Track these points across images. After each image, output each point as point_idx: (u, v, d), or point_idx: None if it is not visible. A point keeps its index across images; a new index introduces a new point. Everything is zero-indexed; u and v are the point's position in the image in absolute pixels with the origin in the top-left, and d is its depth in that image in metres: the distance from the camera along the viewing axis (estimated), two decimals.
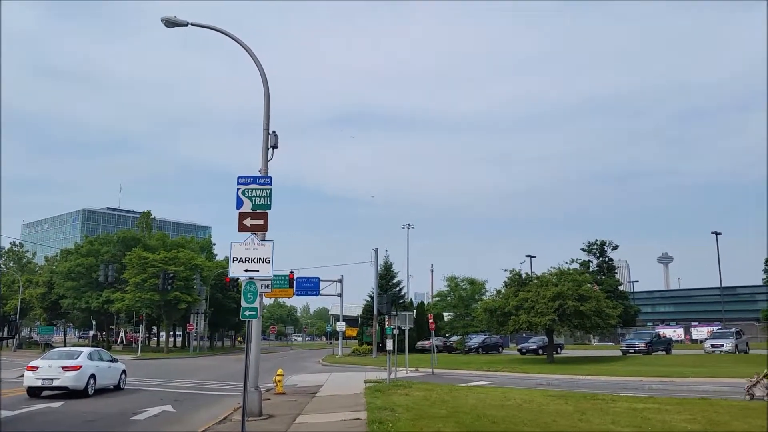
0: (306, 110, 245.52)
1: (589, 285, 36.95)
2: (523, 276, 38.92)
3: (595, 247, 65.46)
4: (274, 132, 15.09)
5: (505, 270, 40.15)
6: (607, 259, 66.31)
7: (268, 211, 11.97)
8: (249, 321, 10.42)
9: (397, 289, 54.21)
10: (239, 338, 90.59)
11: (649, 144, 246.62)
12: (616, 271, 67.09)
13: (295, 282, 44.11)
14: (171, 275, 49.89)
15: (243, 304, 10.26)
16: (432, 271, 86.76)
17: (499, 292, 38.95)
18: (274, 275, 33.69)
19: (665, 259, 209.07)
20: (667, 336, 49.59)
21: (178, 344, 74.72)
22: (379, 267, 50.84)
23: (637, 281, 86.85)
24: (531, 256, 66.21)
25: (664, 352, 42.63)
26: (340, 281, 50.66)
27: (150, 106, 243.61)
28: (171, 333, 71.42)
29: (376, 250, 48.06)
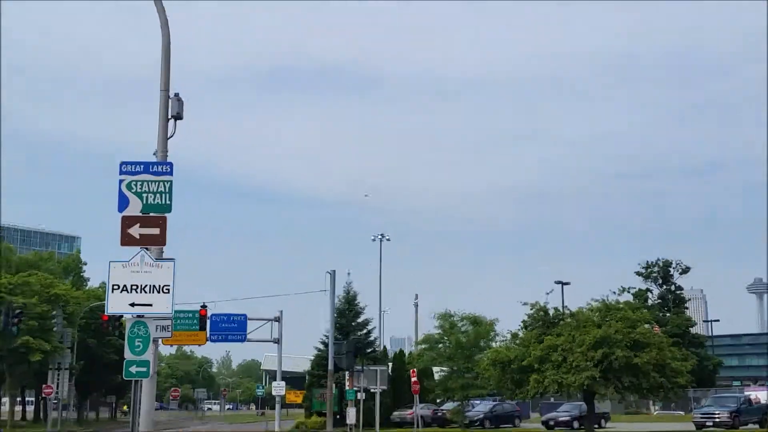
0: (224, 67, 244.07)
1: (647, 326, 37.75)
2: (551, 313, 39.86)
3: (655, 270, 66.13)
4: (177, 95, 15.39)
5: (525, 304, 40.75)
6: (673, 287, 66.89)
7: (167, 214, 12.07)
8: (137, 381, 10.53)
9: (364, 331, 54.70)
10: (124, 407, 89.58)
11: (741, 122, 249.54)
12: (687, 305, 68.07)
13: (209, 322, 43.51)
14: (18, 311, 48.31)
15: (128, 355, 10.22)
16: (416, 304, 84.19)
17: (515, 336, 39.81)
18: (177, 312, 33.59)
19: (759, 288, 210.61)
20: (763, 402, 50.04)
21: (30, 416, 73.21)
22: (337, 299, 50.83)
23: (718, 320, 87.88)
24: (562, 284, 65.11)
25: (757, 425, 43.06)
26: (277, 320, 50.42)
27: None
28: (19, 399, 69.63)
29: (333, 274, 46.41)
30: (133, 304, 10.54)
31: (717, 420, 42.14)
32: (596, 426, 39.55)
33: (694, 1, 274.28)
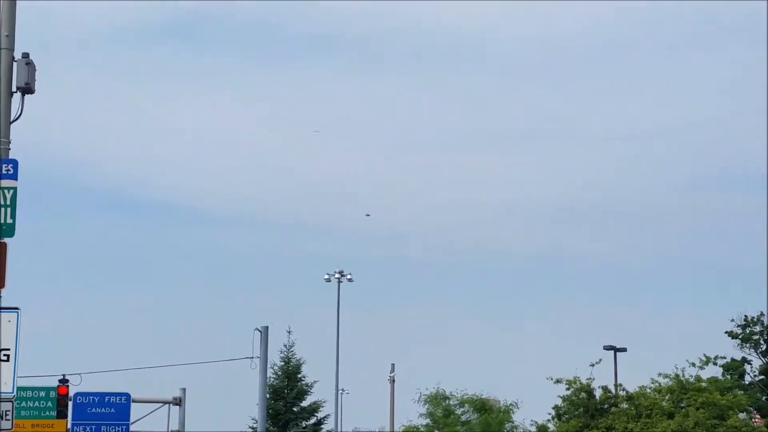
0: (104, 19, 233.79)
1: (743, 415, 38.33)
2: (598, 395, 38.95)
3: (758, 328, 60.56)
4: (26, 57, 14.90)
5: (558, 381, 39.59)
6: None
7: (8, 239, 12.37)
8: None
9: (312, 421, 53.51)
10: None
11: None
12: None
13: (72, 405, 40.43)
14: None
15: None
16: (393, 379, 78.57)
17: (543, 429, 40.45)
18: (23, 389, 35.42)
19: None
20: None
21: None
22: (271, 371, 49.97)
23: None
24: (615, 350, 58.17)
25: None
26: (178, 403, 45.59)
27: None
28: None
29: (265, 332, 43.08)
30: None
31: None
32: None
33: None
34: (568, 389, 38.94)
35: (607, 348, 55.32)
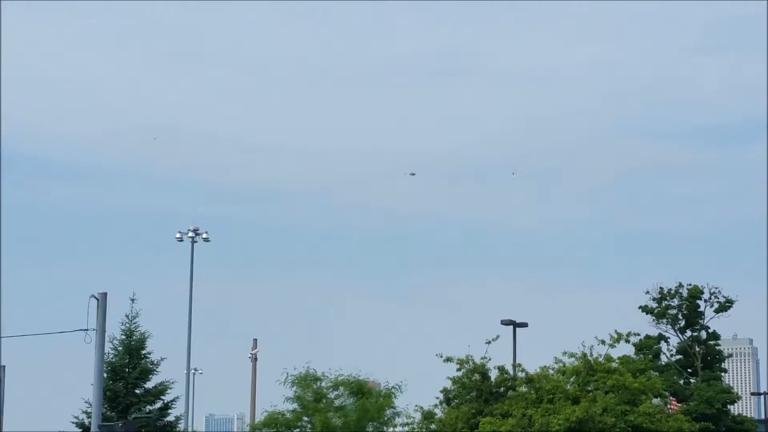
0: None
1: (656, 401, 37.69)
2: (493, 376, 37.87)
3: (674, 302, 57.26)
4: None
5: (447, 359, 38.55)
6: (704, 334, 58.53)
7: None
8: None
9: (159, 405, 50.60)
10: None
11: None
12: (726, 365, 61.49)
13: None
14: None
15: None
16: (255, 357, 74.65)
17: (429, 416, 38.33)
18: None
19: None
20: None
21: None
22: (110, 346, 47.20)
23: None
24: (514, 325, 54.08)
25: None
26: None
27: None
28: None
29: (103, 299, 39.52)
30: None
31: None
32: None
33: None
34: (459, 370, 37.76)
35: (506, 323, 50.98)
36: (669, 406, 40.22)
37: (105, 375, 43.87)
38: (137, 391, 49.42)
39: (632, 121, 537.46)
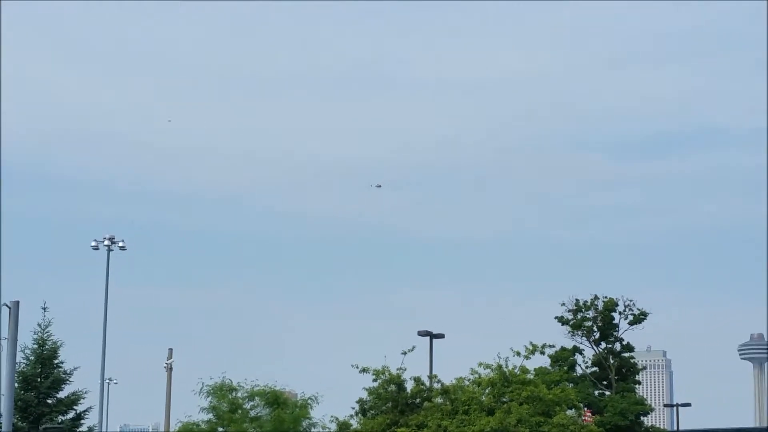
0: None
1: (571, 412, 37.96)
2: (409, 388, 38.01)
3: (589, 314, 56.78)
4: None
5: (363, 370, 38.62)
6: (618, 346, 58.10)
7: None
8: None
9: (71, 415, 50.03)
10: None
11: None
12: (640, 377, 60.68)
13: None
14: None
15: None
16: (170, 367, 72.84)
17: (345, 426, 38.67)
18: None
19: (758, 350, 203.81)
20: None
21: None
22: (22, 355, 46.46)
23: (689, 405, 75.64)
24: (431, 336, 53.75)
25: None
26: None
27: None
28: None
29: (15, 308, 37.07)
30: None
31: None
32: None
33: None
34: (375, 380, 37.99)
35: (422, 334, 50.91)
36: (583, 418, 40.58)
37: (16, 385, 43.41)
38: (49, 401, 48.90)
39: (552, 132, 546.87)
